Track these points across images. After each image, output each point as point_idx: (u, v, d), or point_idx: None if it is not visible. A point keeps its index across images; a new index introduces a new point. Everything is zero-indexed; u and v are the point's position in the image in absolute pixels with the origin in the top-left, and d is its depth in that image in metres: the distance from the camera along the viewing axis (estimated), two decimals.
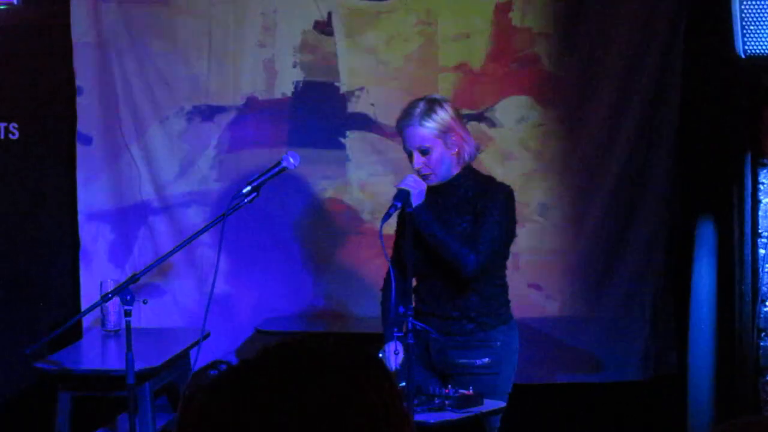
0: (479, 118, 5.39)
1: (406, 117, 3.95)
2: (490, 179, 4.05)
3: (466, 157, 3.99)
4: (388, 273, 4.20)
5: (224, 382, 1.31)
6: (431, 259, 3.94)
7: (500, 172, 5.30)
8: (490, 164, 5.32)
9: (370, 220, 5.40)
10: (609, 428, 5.40)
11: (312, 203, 5.56)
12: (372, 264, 4.95)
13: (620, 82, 5.30)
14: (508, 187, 4.02)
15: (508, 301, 4.07)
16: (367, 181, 5.47)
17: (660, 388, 5.34)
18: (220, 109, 5.56)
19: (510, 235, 4.03)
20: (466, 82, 5.41)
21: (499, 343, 3.97)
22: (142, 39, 5.53)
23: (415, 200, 3.85)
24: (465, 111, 5.07)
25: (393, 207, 3.86)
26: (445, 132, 3.92)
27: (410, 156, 3.96)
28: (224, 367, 1.36)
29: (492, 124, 5.41)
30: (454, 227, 3.91)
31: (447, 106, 3.98)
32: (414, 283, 3.98)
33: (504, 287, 4.06)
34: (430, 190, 3.94)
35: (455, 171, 3.99)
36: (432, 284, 3.97)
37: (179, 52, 5.55)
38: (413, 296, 3.96)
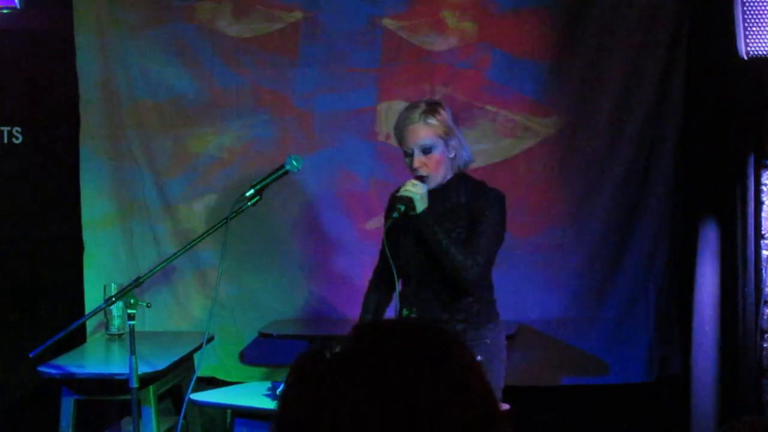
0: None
1: (408, 115, 3.92)
2: (482, 184, 4.02)
3: (461, 164, 3.97)
4: (377, 274, 4.20)
5: (332, 363, 1.32)
6: (421, 263, 3.92)
7: (502, 173, 5.31)
8: (492, 164, 5.33)
9: (370, 222, 5.41)
10: (613, 430, 5.40)
11: (312, 207, 5.57)
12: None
13: (623, 83, 5.30)
14: (501, 192, 4.00)
15: (495, 300, 4.07)
16: (368, 185, 5.48)
17: (664, 389, 5.35)
18: (224, 112, 5.57)
19: (502, 241, 4.02)
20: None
21: (488, 340, 3.96)
22: (145, 43, 5.54)
23: (420, 205, 3.84)
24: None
25: (397, 212, 3.84)
26: (446, 133, 3.90)
27: (410, 156, 3.92)
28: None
29: (495, 124, 5.42)
30: (449, 232, 3.90)
31: (448, 109, 3.97)
32: (399, 286, 3.99)
33: (491, 287, 4.06)
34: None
35: (449, 176, 3.97)
36: (420, 287, 3.95)
37: (183, 55, 5.55)
38: (400, 300, 3.97)
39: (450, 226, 3.91)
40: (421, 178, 3.89)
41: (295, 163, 3.98)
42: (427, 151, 3.88)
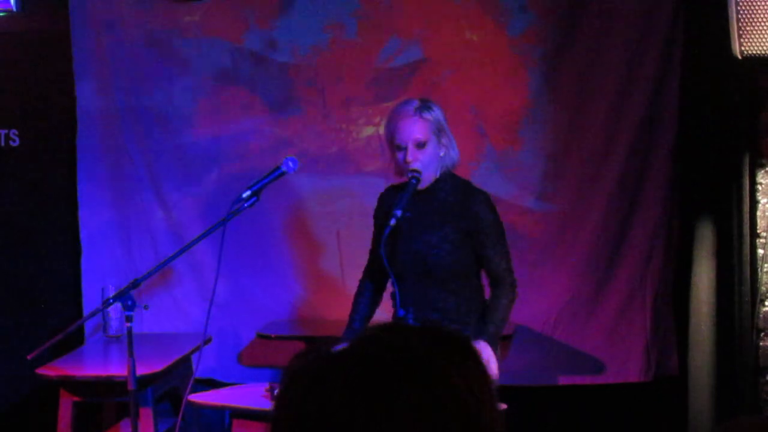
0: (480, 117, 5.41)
1: (402, 110, 3.93)
2: (468, 184, 4.04)
3: (449, 163, 3.99)
4: (367, 273, 4.22)
5: (323, 367, 1.31)
6: (413, 264, 3.94)
7: (501, 174, 5.32)
8: (490, 165, 5.33)
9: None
10: (611, 429, 5.41)
11: (309, 208, 5.57)
12: None
13: (619, 83, 5.30)
14: (485, 193, 4.02)
15: (485, 300, 4.09)
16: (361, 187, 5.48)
17: (661, 389, 5.35)
18: (221, 114, 5.57)
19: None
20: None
21: None
22: (141, 45, 5.55)
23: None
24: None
25: (394, 218, 3.85)
26: (439, 130, 3.92)
27: (403, 150, 3.92)
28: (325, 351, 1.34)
29: (493, 125, 5.42)
30: (435, 231, 3.93)
31: (440, 108, 3.99)
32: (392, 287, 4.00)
33: (482, 287, 4.08)
34: (414, 194, 3.92)
35: (436, 175, 3.98)
36: (411, 288, 3.96)
37: (180, 57, 5.56)
38: (393, 301, 3.99)
39: (438, 225, 3.93)
40: (417, 175, 3.89)
41: (291, 164, 3.99)
42: (420, 145, 3.90)
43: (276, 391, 4.22)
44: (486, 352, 3.80)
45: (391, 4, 5.44)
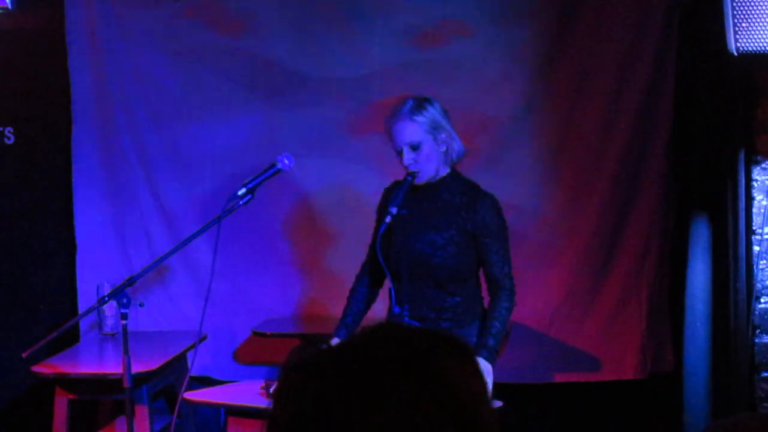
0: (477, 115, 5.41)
1: (395, 113, 3.94)
2: (475, 187, 4.03)
3: (454, 156, 3.99)
4: (364, 269, 4.22)
5: (321, 362, 1.31)
6: (410, 262, 3.94)
7: (497, 172, 5.32)
8: (487, 163, 5.33)
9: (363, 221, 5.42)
10: (606, 426, 5.41)
11: (305, 205, 5.57)
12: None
13: (614, 81, 5.31)
14: (494, 197, 4.02)
15: (482, 298, 4.09)
16: (358, 182, 5.48)
17: (656, 386, 5.36)
18: (216, 110, 5.57)
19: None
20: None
21: (473, 338, 3.97)
22: (137, 42, 5.54)
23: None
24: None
25: (389, 215, 3.85)
26: (434, 128, 3.92)
27: (400, 154, 3.95)
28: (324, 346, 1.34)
29: (490, 122, 5.42)
30: (440, 232, 3.92)
31: (436, 104, 3.99)
32: (389, 284, 4.00)
33: (479, 286, 4.08)
34: (417, 191, 3.94)
35: (443, 172, 3.98)
36: (408, 285, 3.96)
37: (175, 54, 5.56)
38: (390, 297, 3.99)
39: (444, 226, 3.93)
40: (414, 174, 3.91)
41: (287, 161, 3.99)
42: (415, 147, 3.90)
43: (272, 388, 4.22)
44: (484, 370, 3.75)
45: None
